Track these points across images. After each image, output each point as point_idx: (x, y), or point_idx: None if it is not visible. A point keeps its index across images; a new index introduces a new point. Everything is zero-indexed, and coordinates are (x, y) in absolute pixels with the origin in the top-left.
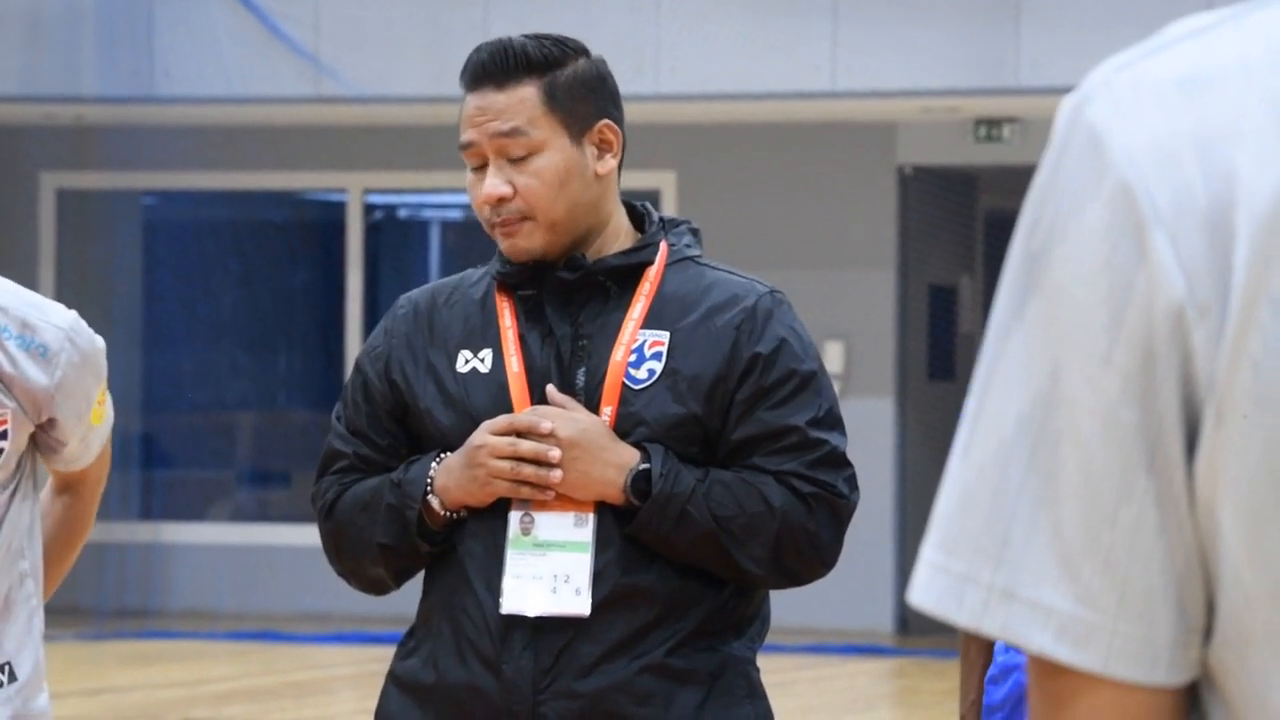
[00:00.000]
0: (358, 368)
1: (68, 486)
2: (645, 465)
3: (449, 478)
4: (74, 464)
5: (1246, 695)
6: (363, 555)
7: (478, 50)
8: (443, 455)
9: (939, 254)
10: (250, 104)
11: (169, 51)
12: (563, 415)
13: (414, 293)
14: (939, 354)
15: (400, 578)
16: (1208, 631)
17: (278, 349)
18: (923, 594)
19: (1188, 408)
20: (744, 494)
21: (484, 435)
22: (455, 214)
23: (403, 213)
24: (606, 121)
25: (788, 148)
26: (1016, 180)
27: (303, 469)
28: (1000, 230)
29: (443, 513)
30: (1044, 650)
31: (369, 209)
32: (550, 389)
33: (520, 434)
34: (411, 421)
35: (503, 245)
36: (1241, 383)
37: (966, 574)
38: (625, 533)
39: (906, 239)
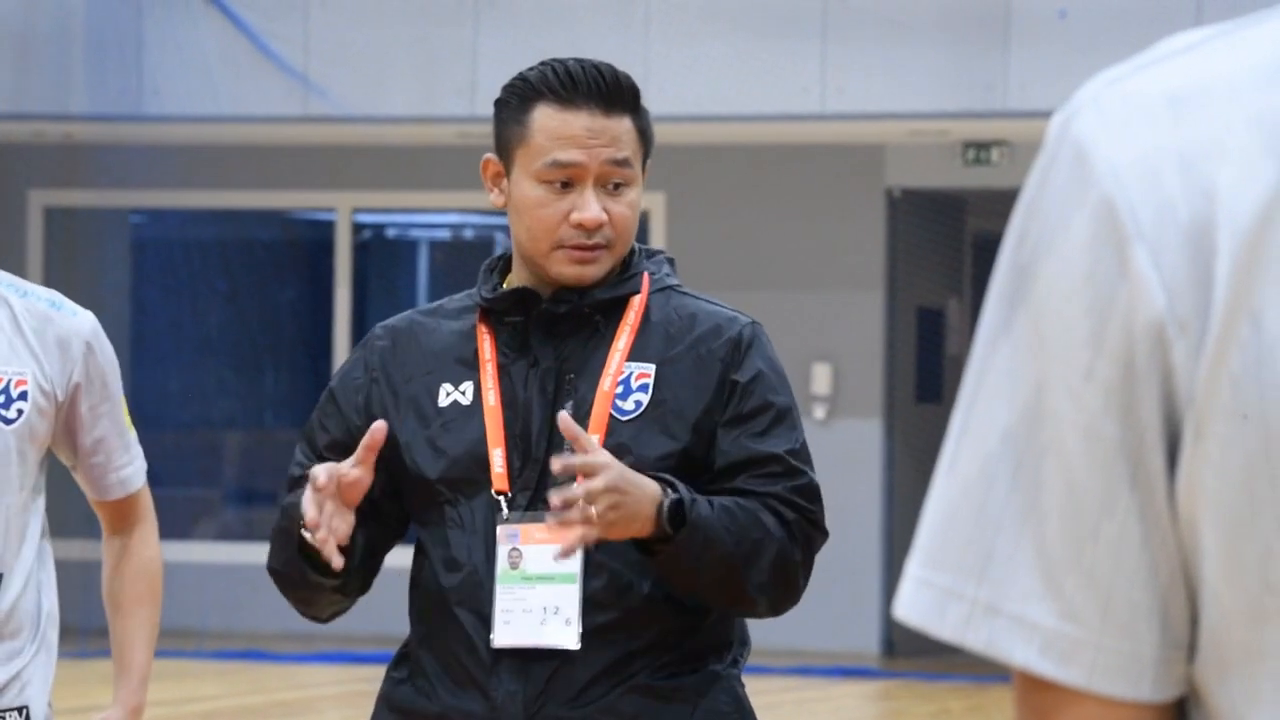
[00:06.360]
0: (331, 396)
1: (119, 526)
2: (675, 496)
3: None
4: (124, 477)
5: (1226, 714)
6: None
7: (578, 67)
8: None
9: (927, 276)
10: (239, 123)
11: (158, 70)
12: (600, 455)
13: (391, 321)
14: (926, 376)
15: (308, 606)
16: (1194, 648)
17: (265, 368)
18: (907, 608)
19: (1169, 423)
20: (744, 518)
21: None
22: (443, 233)
23: (391, 232)
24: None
25: (776, 169)
26: (1004, 203)
27: None
28: (988, 253)
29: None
30: (1028, 665)
31: (357, 228)
32: (563, 417)
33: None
34: (387, 454)
35: (569, 270)
36: (1220, 399)
37: (951, 589)
38: (657, 561)
39: (894, 261)
